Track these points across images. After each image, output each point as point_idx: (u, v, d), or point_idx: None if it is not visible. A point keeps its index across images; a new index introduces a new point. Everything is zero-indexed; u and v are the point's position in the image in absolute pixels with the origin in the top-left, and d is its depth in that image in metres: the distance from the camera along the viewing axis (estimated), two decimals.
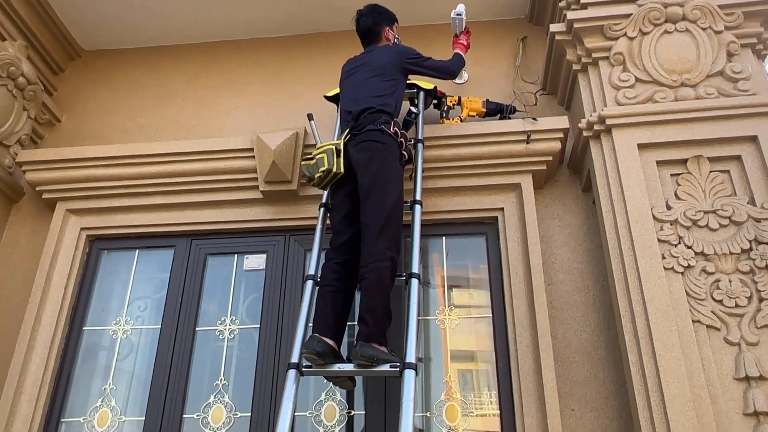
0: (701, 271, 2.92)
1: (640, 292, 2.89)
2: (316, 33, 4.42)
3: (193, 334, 3.54)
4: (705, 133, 3.19)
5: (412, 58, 3.38)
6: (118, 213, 3.82)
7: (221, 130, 4.11)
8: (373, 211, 2.79)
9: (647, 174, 3.16)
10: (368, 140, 2.99)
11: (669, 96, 3.32)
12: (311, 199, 3.63)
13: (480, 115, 3.72)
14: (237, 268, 3.71)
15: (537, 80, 3.99)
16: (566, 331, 3.24)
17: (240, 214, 3.74)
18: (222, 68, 4.39)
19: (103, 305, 3.72)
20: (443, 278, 3.55)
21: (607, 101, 3.37)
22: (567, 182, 3.66)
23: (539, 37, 4.13)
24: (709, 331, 2.81)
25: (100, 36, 4.48)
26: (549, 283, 3.34)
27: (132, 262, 3.82)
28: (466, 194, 3.59)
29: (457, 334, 3.42)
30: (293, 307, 3.46)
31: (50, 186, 3.85)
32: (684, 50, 3.39)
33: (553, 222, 3.54)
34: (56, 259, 3.69)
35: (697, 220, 3.03)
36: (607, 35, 3.48)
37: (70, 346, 3.57)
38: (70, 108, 4.38)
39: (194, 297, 3.62)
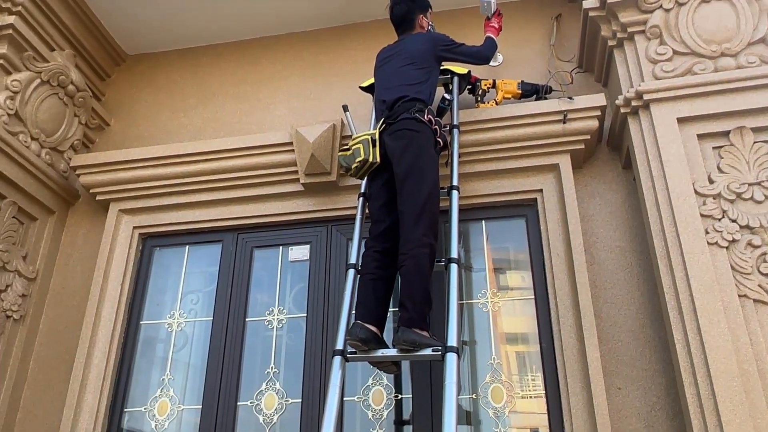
0: (747, 244, 2.87)
1: (683, 268, 2.86)
2: (349, 24, 4.46)
3: (243, 324, 3.66)
4: (748, 103, 3.11)
5: (445, 45, 3.39)
6: (167, 211, 3.97)
7: (261, 125, 4.21)
8: (410, 198, 2.84)
9: (688, 148, 3.11)
10: (403, 129, 3.03)
11: (709, 67, 3.24)
12: (350, 190, 3.69)
13: (515, 97, 3.71)
14: (282, 259, 3.82)
15: (573, 58, 3.94)
16: (610, 309, 3.23)
17: (282, 207, 3.83)
18: (258, 64, 4.48)
19: (157, 300, 3.89)
20: (484, 262, 3.57)
21: (644, 76, 3.32)
22: (606, 160, 3.62)
23: (574, 14, 4.07)
24: (756, 305, 2.77)
25: (141, 40, 4.63)
26: (591, 262, 3.33)
27: (183, 258, 3.97)
28: (503, 177, 3.60)
29: (500, 317, 3.44)
30: (337, 296, 3.54)
31: (103, 188, 4.02)
32: (723, 19, 3.30)
33: (593, 201, 3.51)
34: (112, 258, 3.87)
35: (742, 192, 2.97)
36: (642, 8, 3.41)
37: (129, 340, 3.74)
38: (118, 112, 4.55)
39: (243, 289, 3.75)
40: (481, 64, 3.57)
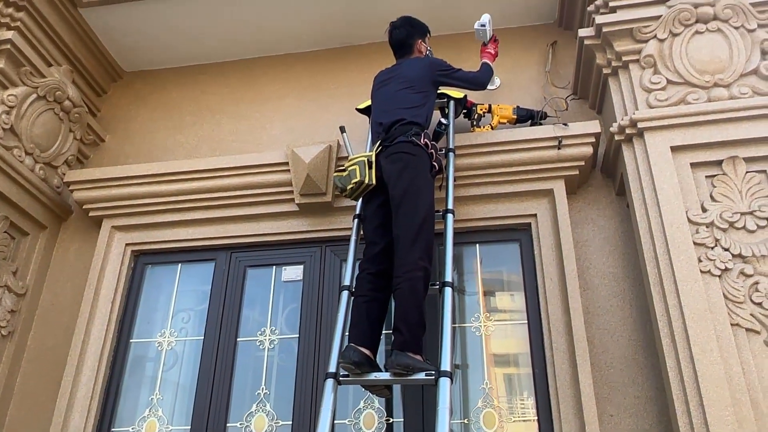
0: (739, 273, 2.89)
1: (676, 296, 2.87)
2: (347, 46, 4.49)
3: (234, 344, 3.64)
4: (740, 133, 3.15)
5: (443, 70, 3.42)
6: (160, 228, 3.96)
7: (257, 144, 4.22)
8: (405, 221, 2.84)
9: (681, 176, 3.14)
10: (399, 152, 3.04)
11: (702, 97, 3.29)
12: (345, 211, 3.70)
13: (511, 122, 3.74)
14: (275, 279, 3.80)
15: (568, 85, 3.98)
16: (603, 336, 3.23)
17: (277, 227, 3.83)
18: (256, 84, 4.50)
19: (148, 318, 3.86)
20: (478, 285, 3.57)
21: (638, 104, 3.36)
22: (600, 187, 3.65)
23: (569, 42, 4.12)
24: (748, 335, 2.78)
25: (139, 57, 4.65)
26: (584, 288, 3.34)
27: (175, 276, 3.95)
28: (498, 201, 3.61)
29: (493, 341, 3.44)
30: (330, 317, 3.53)
31: (96, 204, 4.01)
32: (716, 50, 3.35)
33: (587, 227, 3.53)
34: (103, 275, 3.84)
35: (734, 221, 2.99)
36: (636, 38, 3.46)
37: (119, 358, 3.71)
38: (113, 128, 4.55)
39: (235, 308, 3.72)
40: (477, 89, 3.60)
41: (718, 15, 3.38)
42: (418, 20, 3.60)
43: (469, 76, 3.49)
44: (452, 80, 3.45)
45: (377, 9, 4.16)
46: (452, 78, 3.44)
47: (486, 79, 3.56)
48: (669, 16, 3.43)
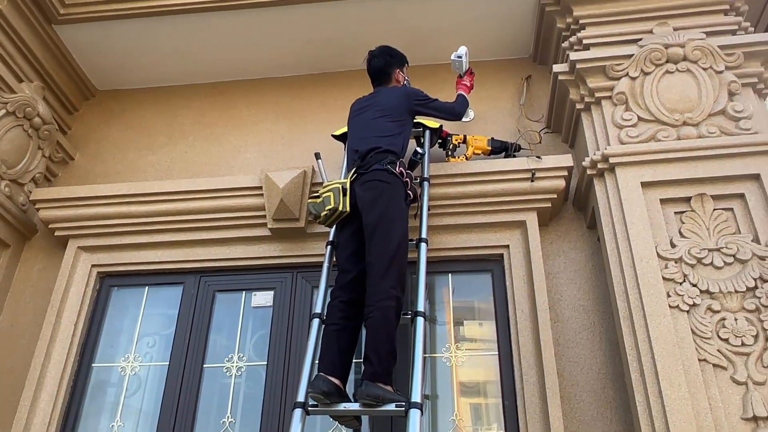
0: (707, 309, 2.93)
1: (645, 330, 2.89)
2: (325, 72, 4.51)
3: (200, 370, 3.55)
4: (708, 171, 3.22)
5: (419, 100, 3.45)
6: (128, 250, 3.88)
7: (230, 167, 4.18)
8: (379, 250, 2.83)
9: (651, 212, 3.19)
10: (374, 180, 3.04)
11: (672, 135, 3.36)
12: (318, 237, 3.67)
13: (485, 153, 3.78)
14: (245, 304, 3.74)
15: (541, 118, 4.04)
16: (573, 368, 3.24)
17: (248, 251, 3.78)
18: (231, 107, 4.48)
19: (112, 342, 3.75)
20: (449, 315, 3.56)
21: (610, 140, 3.42)
22: (572, 219, 3.68)
23: (543, 76, 4.20)
24: (715, 370, 2.80)
25: (114, 76, 4.60)
26: (555, 320, 3.35)
27: (141, 299, 3.86)
28: (471, 231, 3.62)
29: (463, 372, 3.42)
30: (300, 344, 3.48)
31: (63, 223, 3.92)
32: (686, 90, 3.44)
33: (558, 259, 3.56)
34: (67, 296, 3.74)
35: (702, 258, 3.04)
36: (609, 75, 3.54)
37: (79, 383, 3.59)
38: (84, 146, 4.47)
39: (202, 334, 3.65)
40: (453, 120, 3.63)
41: (688, 56, 3.48)
42: (396, 50, 3.63)
43: (446, 107, 3.52)
44: (428, 110, 3.48)
45: (355, 37, 4.19)
46: (428, 108, 3.47)
47: (462, 110, 3.60)
48: (641, 55, 3.51)
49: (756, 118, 3.33)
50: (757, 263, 2.98)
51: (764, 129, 3.30)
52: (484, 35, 4.20)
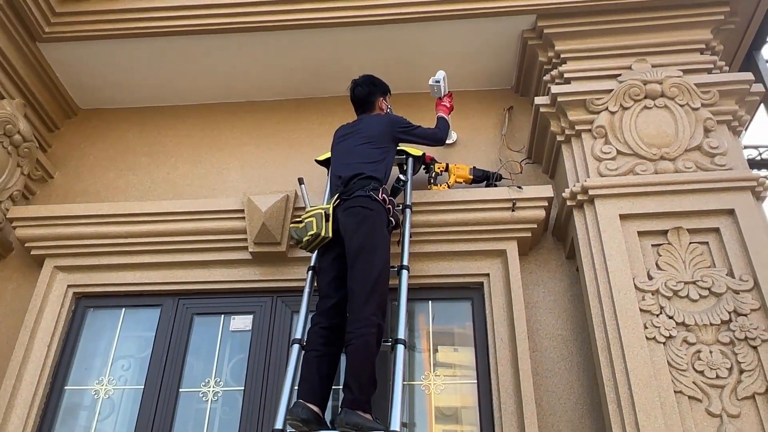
0: (683, 341, 2.97)
1: (623, 361, 2.92)
2: (309, 98, 4.54)
3: (176, 395, 3.50)
4: (684, 205, 3.29)
5: (403, 127, 3.50)
6: (106, 271, 3.83)
7: (212, 189, 4.17)
8: (361, 276, 2.84)
9: (629, 244, 3.24)
10: (357, 206, 3.06)
11: (649, 168, 3.43)
12: (299, 261, 3.66)
13: (467, 182, 3.82)
14: (223, 328, 3.71)
15: (523, 149, 4.10)
16: (550, 398, 3.25)
17: (228, 275, 3.76)
18: (215, 129, 4.48)
19: (86, 364, 3.68)
20: (429, 342, 3.56)
21: (589, 172, 3.48)
22: (551, 249, 3.73)
23: (525, 107, 4.27)
24: (691, 402, 2.84)
25: (97, 95, 4.58)
26: (534, 349, 3.36)
27: (118, 321, 3.80)
28: (452, 259, 3.64)
29: (441, 399, 3.41)
30: (278, 370, 3.45)
31: (39, 242, 3.86)
32: (663, 125, 3.52)
33: (537, 288, 3.59)
34: (41, 317, 3.68)
35: (678, 290, 3.09)
36: (589, 109, 3.61)
37: (51, 406, 3.51)
38: (64, 165, 4.43)
39: (179, 357, 3.60)
40: (437, 145, 3.69)
41: (665, 92, 3.57)
42: (379, 79, 3.69)
43: (428, 133, 3.57)
44: (412, 137, 3.53)
45: (340, 64, 4.24)
46: (412, 135, 3.52)
47: (444, 134, 3.65)
48: (620, 90, 3.60)
49: (730, 154, 3.42)
50: (732, 297, 3.04)
51: (738, 165, 3.39)
52: (468, 66, 4.27)
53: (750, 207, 3.25)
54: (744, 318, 2.98)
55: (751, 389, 2.82)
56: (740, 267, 3.12)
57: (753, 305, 3.00)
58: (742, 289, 3.05)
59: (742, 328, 2.95)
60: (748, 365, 2.87)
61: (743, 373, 2.86)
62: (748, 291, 3.04)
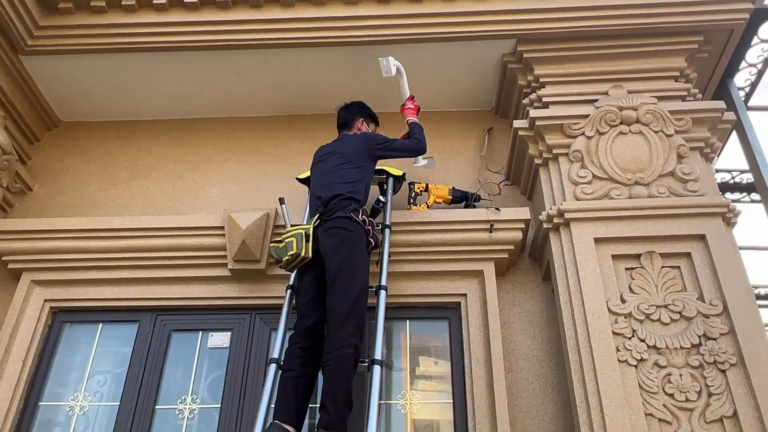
0: (654, 364, 3.03)
1: (595, 383, 2.98)
2: (292, 115, 4.57)
3: (152, 411, 3.49)
4: (657, 230, 3.36)
5: (379, 144, 3.53)
6: (83, 285, 3.82)
7: (193, 205, 4.18)
8: (340, 297, 2.87)
9: (603, 267, 3.30)
10: (337, 227, 3.09)
11: (624, 193, 3.50)
12: (278, 279, 3.68)
13: (446, 202, 3.87)
14: (201, 345, 3.71)
15: (501, 170, 4.17)
16: (525, 418, 3.29)
17: (207, 291, 3.76)
18: (197, 144, 4.49)
19: (61, 379, 3.66)
20: (406, 362, 3.59)
21: (566, 195, 3.54)
22: (528, 270, 3.78)
23: (504, 129, 4.34)
24: (661, 425, 2.90)
25: (78, 108, 4.57)
26: (509, 370, 3.41)
27: (95, 336, 3.79)
28: (430, 279, 3.68)
29: (417, 419, 3.44)
30: (255, 387, 3.45)
31: (16, 256, 3.84)
32: (638, 151, 3.60)
33: (513, 309, 3.64)
34: (17, 331, 3.65)
35: (650, 314, 3.16)
36: (566, 133, 3.68)
37: (25, 422, 3.48)
38: (43, 177, 4.41)
39: (156, 373, 3.59)
40: (418, 154, 3.70)
41: (640, 119, 3.65)
42: (368, 107, 3.78)
43: (407, 145, 3.60)
44: (391, 152, 3.55)
45: (322, 83, 4.29)
46: (390, 150, 3.54)
47: (423, 140, 3.64)
48: (596, 115, 3.68)
49: (702, 180, 3.50)
50: (702, 321, 3.11)
51: (710, 192, 3.48)
52: (450, 87, 4.34)
53: (720, 232, 3.33)
54: (713, 342, 3.04)
55: (719, 412, 2.89)
56: (710, 291, 3.19)
57: (722, 329, 3.07)
58: (712, 314, 3.12)
59: (711, 352, 3.02)
60: (716, 389, 2.94)
61: (712, 396, 2.93)
62: (717, 315, 3.11)
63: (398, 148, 3.58)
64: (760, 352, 2.98)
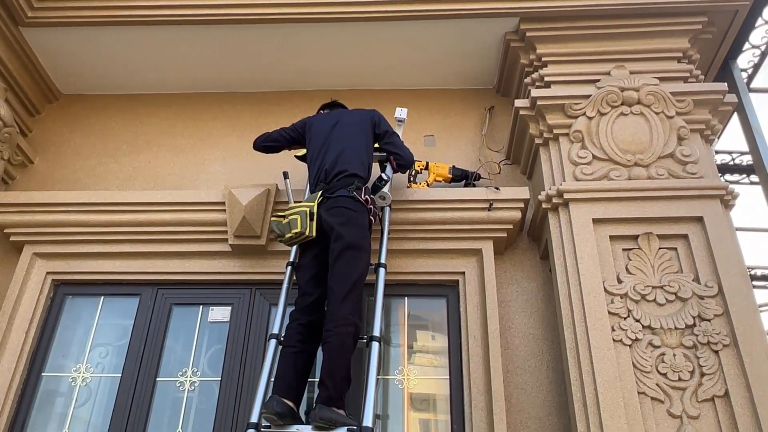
0: (648, 344, 3.07)
1: (590, 362, 3.02)
2: (293, 90, 4.56)
3: (153, 383, 3.54)
4: (655, 211, 3.38)
5: (385, 130, 3.52)
6: (85, 259, 3.85)
7: (194, 180, 4.19)
8: (341, 276, 2.90)
9: (600, 248, 3.33)
10: (341, 206, 3.11)
11: (623, 174, 3.52)
12: (279, 255, 3.71)
13: (446, 181, 3.88)
14: (201, 319, 3.75)
15: (502, 149, 4.17)
16: (520, 395, 3.35)
17: (207, 266, 3.79)
18: (198, 119, 4.49)
19: (63, 351, 3.71)
20: (404, 338, 3.64)
21: (565, 176, 3.56)
22: (526, 249, 3.81)
23: (505, 108, 4.33)
24: (653, 403, 2.95)
25: (79, 81, 4.56)
26: (505, 347, 3.45)
27: (96, 309, 3.83)
28: (429, 257, 3.71)
29: (414, 394, 3.49)
30: (255, 361, 3.50)
31: (18, 229, 3.87)
32: (638, 132, 3.61)
33: (511, 287, 3.68)
34: (19, 303, 3.70)
35: (646, 294, 3.19)
36: (567, 113, 3.68)
37: (27, 392, 3.54)
38: (44, 150, 4.42)
39: (157, 346, 3.64)
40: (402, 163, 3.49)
41: (642, 100, 3.65)
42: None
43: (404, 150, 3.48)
44: (387, 146, 3.50)
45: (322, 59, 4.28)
46: (390, 141, 3.50)
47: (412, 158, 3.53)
48: (598, 96, 3.67)
49: (702, 163, 3.51)
50: (697, 302, 3.15)
51: (709, 174, 3.49)
52: (451, 65, 4.32)
53: (718, 215, 3.35)
54: (707, 323, 3.09)
55: (711, 392, 2.94)
56: (706, 273, 3.22)
57: (716, 311, 3.11)
58: (707, 295, 3.16)
59: (705, 333, 3.06)
60: (709, 369, 2.98)
61: (704, 376, 2.98)
62: (712, 297, 3.15)
63: (397, 144, 3.49)
64: (753, 333, 3.02)
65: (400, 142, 3.54)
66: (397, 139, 3.54)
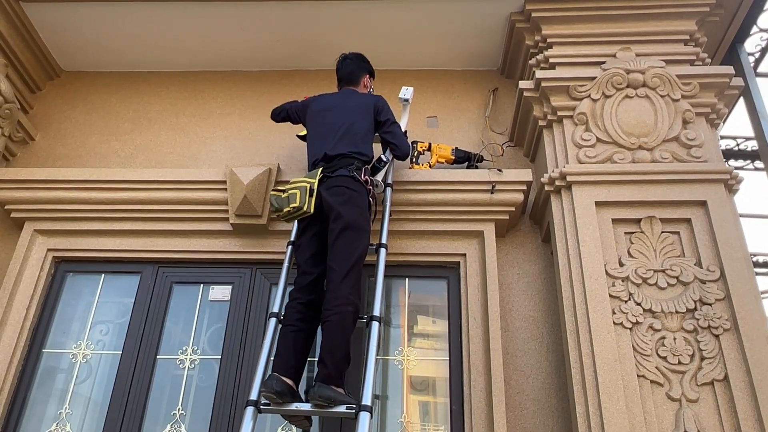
0: (648, 327, 3.07)
1: (590, 345, 3.02)
2: (295, 70, 4.53)
3: (153, 361, 3.55)
4: (658, 195, 3.37)
5: (386, 118, 3.47)
6: (86, 236, 3.84)
7: (195, 159, 4.18)
8: (341, 255, 2.89)
9: (603, 231, 3.32)
10: (341, 185, 3.09)
11: (627, 157, 3.49)
12: (280, 234, 3.70)
13: (449, 162, 3.86)
14: (202, 297, 3.75)
15: (505, 131, 4.15)
16: (519, 377, 3.36)
17: (208, 245, 3.79)
18: (200, 98, 4.47)
19: (64, 328, 3.72)
20: (404, 319, 3.64)
21: (569, 158, 3.53)
22: (528, 232, 3.80)
23: (509, 90, 4.30)
24: (652, 386, 2.95)
25: (80, 58, 4.53)
26: (505, 329, 3.46)
27: (97, 286, 3.83)
28: (430, 238, 3.70)
29: (413, 375, 3.50)
30: (255, 340, 3.51)
31: (19, 205, 3.86)
32: (643, 115, 3.58)
33: (512, 270, 3.67)
34: (20, 280, 3.70)
35: (647, 278, 3.18)
36: (572, 95, 3.65)
37: (28, 368, 3.55)
38: (45, 127, 4.40)
39: (157, 324, 3.64)
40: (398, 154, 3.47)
41: (647, 82, 3.62)
42: (367, 59, 3.69)
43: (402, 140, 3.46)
44: (387, 132, 3.45)
45: (327, 38, 4.24)
46: (389, 130, 3.45)
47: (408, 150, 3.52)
48: (603, 78, 3.64)
49: (706, 147, 3.49)
50: (698, 286, 3.14)
51: (713, 158, 3.47)
52: (456, 45, 4.28)
53: (722, 199, 3.33)
54: (708, 307, 3.08)
55: (711, 376, 2.94)
56: (708, 258, 3.21)
57: (718, 295, 3.10)
58: (709, 279, 3.15)
59: (706, 317, 3.05)
60: (709, 353, 2.98)
61: (704, 360, 2.98)
62: (714, 281, 3.14)
63: (396, 134, 3.45)
64: (754, 318, 3.02)
65: (400, 133, 3.49)
66: (398, 129, 3.49)
